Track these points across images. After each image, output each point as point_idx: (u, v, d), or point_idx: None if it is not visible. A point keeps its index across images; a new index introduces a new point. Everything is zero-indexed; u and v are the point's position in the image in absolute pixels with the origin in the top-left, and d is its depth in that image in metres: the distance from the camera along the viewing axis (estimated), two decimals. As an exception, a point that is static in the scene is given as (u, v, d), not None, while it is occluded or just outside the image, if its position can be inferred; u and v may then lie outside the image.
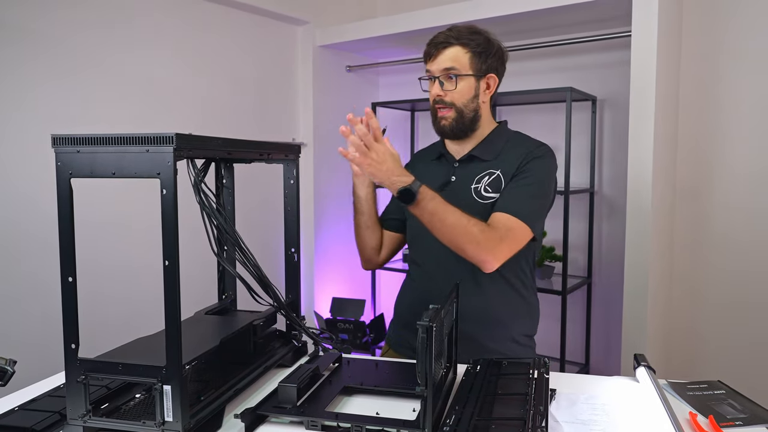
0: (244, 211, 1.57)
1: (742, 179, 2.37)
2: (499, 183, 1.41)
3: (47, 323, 1.93)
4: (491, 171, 1.43)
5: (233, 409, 1.05)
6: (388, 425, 0.96)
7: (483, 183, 1.43)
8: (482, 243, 1.29)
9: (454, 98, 1.41)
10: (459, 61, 1.40)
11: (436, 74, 1.41)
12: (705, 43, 2.41)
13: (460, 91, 1.41)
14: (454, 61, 1.39)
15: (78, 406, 0.93)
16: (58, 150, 0.91)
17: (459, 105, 1.41)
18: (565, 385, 1.17)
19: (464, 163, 1.48)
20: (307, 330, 1.29)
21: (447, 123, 1.43)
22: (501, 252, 1.31)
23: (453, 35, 1.40)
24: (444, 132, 1.45)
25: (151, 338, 1.10)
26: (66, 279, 0.92)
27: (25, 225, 1.94)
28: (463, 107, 1.42)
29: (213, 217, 1.06)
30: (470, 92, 1.42)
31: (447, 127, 1.43)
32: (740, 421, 1.02)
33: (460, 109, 1.42)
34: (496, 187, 1.41)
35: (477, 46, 1.40)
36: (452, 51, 1.40)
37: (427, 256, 1.48)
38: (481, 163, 1.46)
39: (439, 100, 1.42)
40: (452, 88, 1.40)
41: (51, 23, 2.00)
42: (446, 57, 1.40)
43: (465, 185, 1.45)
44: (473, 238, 1.28)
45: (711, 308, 2.47)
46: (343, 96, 3.16)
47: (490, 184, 1.42)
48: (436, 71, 1.41)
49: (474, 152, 1.47)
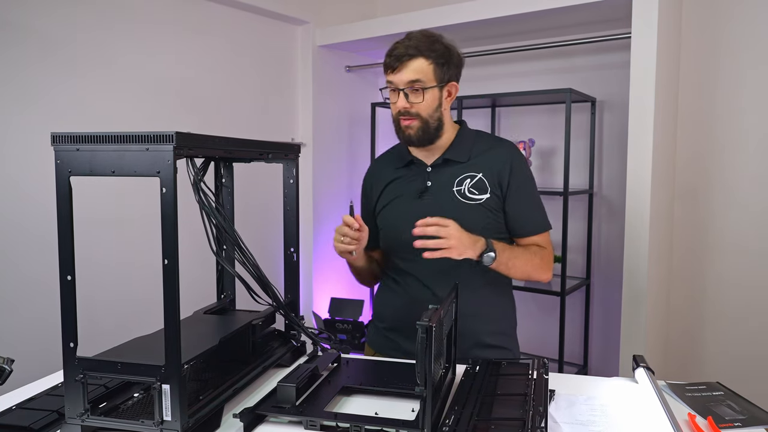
0: (244, 211, 1.57)
1: (742, 181, 2.37)
2: (483, 185, 1.44)
3: (46, 322, 1.93)
4: (471, 174, 1.45)
5: (232, 409, 1.05)
6: (387, 425, 0.96)
7: (465, 185, 1.44)
8: (545, 267, 1.45)
9: (419, 109, 1.40)
10: (423, 73, 1.38)
11: (401, 86, 1.40)
12: (704, 46, 2.41)
13: (425, 103, 1.40)
14: (419, 74, 1.38)
15: (76, 405, 0.93)
16: (57, 148, 0.91)
17: (424, 116, 1.41)
18: (564, 386, 1.17)
19: (438, 168, 1.48)
20: (306, 330, 1.29)
21: (413, 132, 1.42)
22: (552, 264, 1.50)
23: (413, 45, 1.38)
24: (410, 141, 1.44)
25: (149, 337, 1.10)
26: (65, 277, 0.92)
27: (25, 223, 1.94)
28: (428, 117, 1.42)
29: (212, 217, 1.06)
30: (435, 102, 1.41)
31: (413, 137, 1.43)
32: (739, 423, 1.03)
33: (425, 120, 1.41)
34: (482, 189, 1.44)
35: (439, 57, 1.40)
36: (416, 63, 1.38)
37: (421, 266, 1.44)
38: (456, 166, 1.47)
39: (404, 112, 1.41)
40: (419, 101, 1.39)
41: (53, 23, 2.00)
42: (410, 69, 1.38)
43: (444, 188, 1.45)
44: (539, 266, 1.44)
45: (709, 310, 2.48)
46: (342, 96, 3.17)
47: (474, 186, 1.44)
48: (400, 83, 1.40)
49: (447, 155, 1.47)
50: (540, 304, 2.84)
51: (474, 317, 1.43)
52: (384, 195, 1.53)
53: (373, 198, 1.57)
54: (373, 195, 1.57)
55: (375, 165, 1.65)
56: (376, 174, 1.59)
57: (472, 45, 2.92)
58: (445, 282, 1.40)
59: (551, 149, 2.82)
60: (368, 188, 1.60)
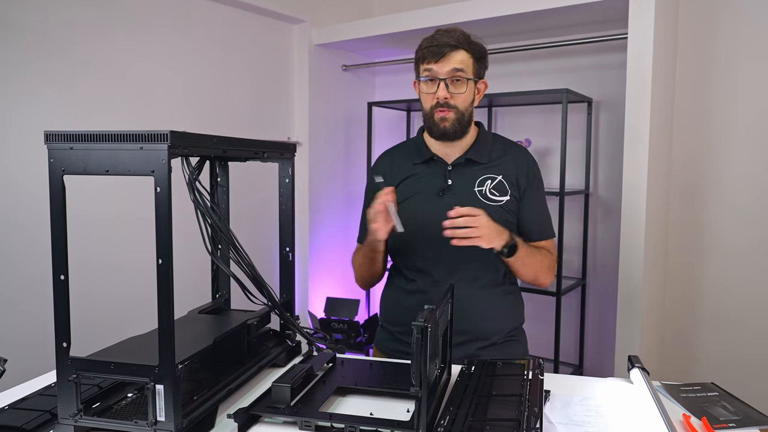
0: (239, 210, 1.56)
1: (738, 182, 2.38)
2: (504, 187, 1.46)
3: (39, 321, 1.91)
4: (492, 176, 1.47)
5: (226, 409, 1.04)
6: (382, 426, 0.95)
7: (487, 186, 1.46)
8: (550, 271, 1.49)
9: (458, 101, 1.41)
10: (466, 64, 1.40)
11: (442, 76, 1.39)
12: (701, 47, 2.42)
13: (465, 95, 1.42)
14: (462, 64, 1.39)
15: (69, 405, 0.92)
16: (51, 146, 0.90)
17: (461, 108, 1.42)
18: (560, 387, 1.17)
19: (459, 167, 1.47)
20: (301, 330, 1.29)
21: (448, 124, 1.42)
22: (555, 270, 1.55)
23: (456, 38, 1.40)
24: (446, 133, 1.43)
25: (143, 337, 1.10)
26: (58, 277, 0.91)
27: (18, 222, 1.93)
28: (464, 110, 1.43)
29: (207, 216, 1.05)
30: (470, 96, 1.44)
31: (449, 129, 1.42)
32: (733, 423, 1.03)
33: (461, 112, 1.42)
34: (502, 191, 1.46)
35: (476, 51, 1.42)
36: (460, 55, 1.39)
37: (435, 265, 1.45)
38: (476, 166, 1.48)
39: (444, 103, 1.40)
40: (461, 91, 1.40)
41: (49, 22, 1.99)
42: (455, 59, 1.39)
43: (466, 188, 1.46)
44: (546, 269, 1.48)
45: (704, 310, 2.48)
46: (338, 95, 3.16)
47: (495, 188, 1.46)
48: (442, 73, 1.39)
49: (469, 155, 1.47)
50: (536, 305, 2.83)
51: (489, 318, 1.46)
52: (400, 190, 1.49)
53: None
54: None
55: (388, 157, 1.60)
56: (391, 167, 1.54)
57: (469, 45, 2.92)
58: (462, 281, 1.41)
59: (547, 149, 2.83)
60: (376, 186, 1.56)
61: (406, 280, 1.51)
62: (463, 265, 1.43)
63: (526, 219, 1.49)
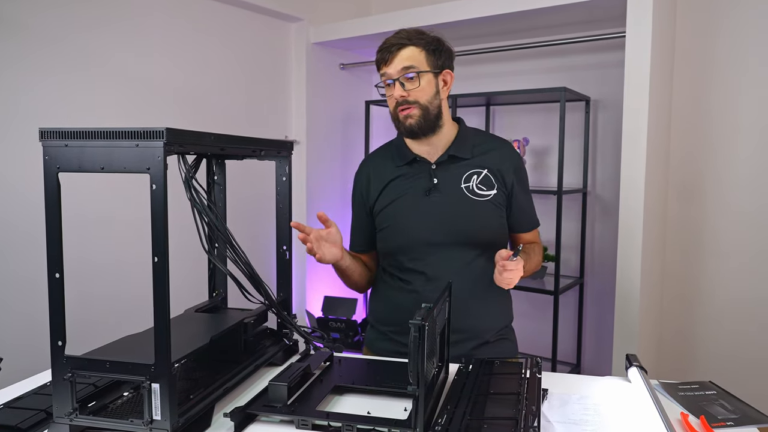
0: (236, 208, 1.56)
1: (735, 181, 2.38)
2: (490, 181, 1.46)
3: (34, 320, 1.91)
4: (477, 170, 1.46)
5: (223, 408, 1.04)
6: (380, 424, 0.95)
7: (473, 181, 1.46)
8: (540, 261, 1.57)
9: (417, 96, 1.40)
10: (416, 59, 1.39)
11: (395, 76, 1.39)
12: (699, 45, 2.42)
13: (422, 89, 1.40)
14: (411, 60, 1.39)
15: (64, 404, 0.91)
16: (45, 144, 0.90)
17: (423, 102, 1.41)
18: (557, 385, 1.17)
19: (443, 165, 1.47)
20: (298, 328, 1.28)
21: (413, 121, 1.41)
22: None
23: (402, 36, 1.40)
24: (412, 131, 1.43)
25: (139, 336, 1.09)
26: (53, 275, 0.91)
27: (12, 220, 1.92)
28: (428, 104, 1.41)
29: (204, 214, 1.05)
30: (432, 89, 1.42)
31: (414, 126, 1.41)
32: (731, 422, 1.03)
33: (424, 106, 1.41)
34: (489, 185, 1.46)
35: (428, 44, 1.41)
36: (407, 51, 1.39)
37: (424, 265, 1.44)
38: (460, 162, 1.47)
39: (402, 101, 1.40)
40: (415, 86, 1.39)
41: (44, 18, 1.98)
42: (403, 57, 1.39)
43: (452, 185, 1.45)
44: (538, 264, 1.54)
45: (702, 309, 2.48)
46: (336, 94, 3.16)
47: (482, 183, 1.46)
48: (394, 73, 1.39)
49: (452, 152, 1.47)
50: (533, 303, 2.84)
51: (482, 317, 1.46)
52: (385, 194, 1.49)
53: (372, 197, 1.51)
54: (371, 194, 1.52)
55: (369, 162, 1.59)
56: (372, 172, 1.54)
57: (467, 43, 2.92)
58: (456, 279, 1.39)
59: (545, 148, 2.83)
60: (363, 187, 1.54)
61: (398, 280, 1.50)
62: (454, 263, 1.43)
63: (516, 213, 1.51)
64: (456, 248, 1.43)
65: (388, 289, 1.52)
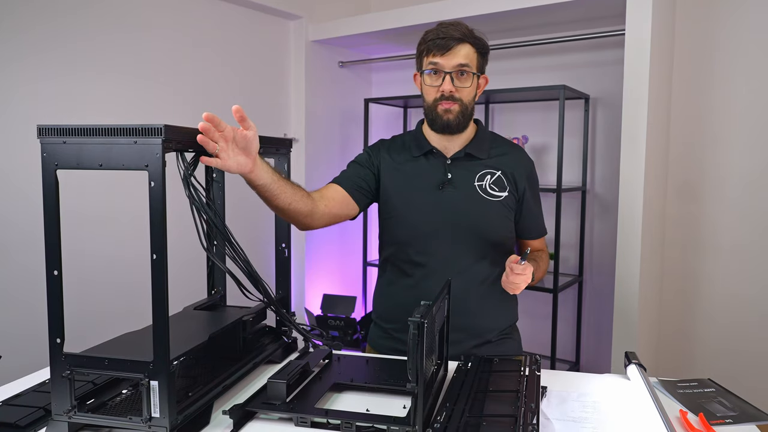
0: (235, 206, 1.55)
1: (735, 179, 2.38)
2: (502, 183, 1.47)
3: (33, 317, 1.90)
4: (491, 171, 1.47)
5: (221, 406, 1.04)
6: (379, 422, 0.95)
7: (486, 181, 1.47)
8: (546, 269, 1.59)
9: (463, 94, 1.42)
10: (470, 58, 1.41)
11: (448, 69, 1.39)
12: (698, 43, 2.42)
13: (469, 89, 1.42)
14: (467, 58, 1.40)
15: (63, 401, 0.91)
16: (44, 141, 0.90)
17: (466, 101, 1.43)
18: (556, 383, 1.17)
19: (459, 161, 1.47)
20: (297, 326, 1.28)
21: (452, 116, 1.42)
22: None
23: (462, 32, 1.40)
24: (449, 125, 1.43)
25: (138, 333, 1.09)
26: (51, 272, 0.91)
27: (11, 217, 1.92)
28: (468, 104, 1.44)
29: (202, 212, 1.05)
30: (474, 90, 1.45)
31: (452, 121, 1.42)
32: (730, 419, 1.03)
33: (465, 105, 1.43)
34: (501, 187, 1.47)
35: (481, 47, 1.43)
36: (466, 48, 1.40)
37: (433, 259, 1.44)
38: (475, 161, 1.47)
39: (449, 96, 1.41)
40: (465, 85, 1.41)
41: (43, 16, 1.97)
42: (461, 54, 1.39)
43: (466, 182, 1.46)
44: (544, 271, 1.56)
45: (701, 307, 2.49)
46: (335, 92, 3.15)
47: (495, 183, 1.47)
48: (448, 66, 1.39)
49: (469, 150, 1.47)
50: (533, 301, 2.84)
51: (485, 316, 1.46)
52: (395, 179, 1.48)
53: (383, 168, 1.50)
54: (383, 166, 1.50)
55: (388, 143, 1.57)
56: (388, 152, 1.53)
57: (466, 41, 2.91)
58: (460, 277, 1.41)
59: (544, 146, 2.82)
60: (374, 156, 1.53)
61: (401, 274, 1.49)
62: (460, 260, 1.43)
63: (525, 219, 1.52)
64: (464, 245, 1.43)
65: (390, 285, 1.53)
